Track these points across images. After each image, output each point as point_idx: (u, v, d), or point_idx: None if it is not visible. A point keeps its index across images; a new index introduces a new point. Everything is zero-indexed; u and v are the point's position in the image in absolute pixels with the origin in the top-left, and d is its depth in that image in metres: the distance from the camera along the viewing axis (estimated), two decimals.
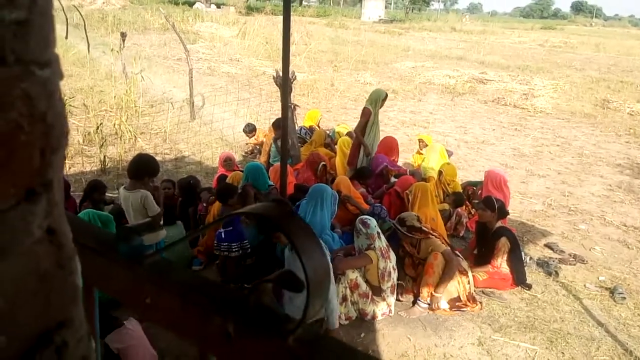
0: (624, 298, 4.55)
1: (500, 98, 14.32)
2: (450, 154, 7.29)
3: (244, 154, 8.12)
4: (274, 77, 6.99)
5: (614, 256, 5.48)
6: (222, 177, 5.54)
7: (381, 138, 6.66)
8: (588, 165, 8.81)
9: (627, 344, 3.84)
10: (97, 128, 7.71)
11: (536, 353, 3.66)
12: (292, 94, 7.34)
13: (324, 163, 6.16)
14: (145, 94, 10.55)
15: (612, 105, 13.96)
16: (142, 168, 3.62)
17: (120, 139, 7.86)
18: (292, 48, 19.25)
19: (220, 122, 8.88)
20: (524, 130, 11.17)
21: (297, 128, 7.56)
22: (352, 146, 6.51)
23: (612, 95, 15.12)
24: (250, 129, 8.10)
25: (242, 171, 5.43)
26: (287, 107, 4.67)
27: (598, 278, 4.95)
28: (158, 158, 7.29)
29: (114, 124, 8.26)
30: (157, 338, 3.09)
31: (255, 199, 4.72)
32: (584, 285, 4.77)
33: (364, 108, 6.42)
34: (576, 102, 14.27)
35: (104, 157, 7.12)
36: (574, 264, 5.19)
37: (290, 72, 6.83)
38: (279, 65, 4.44)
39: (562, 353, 3.68)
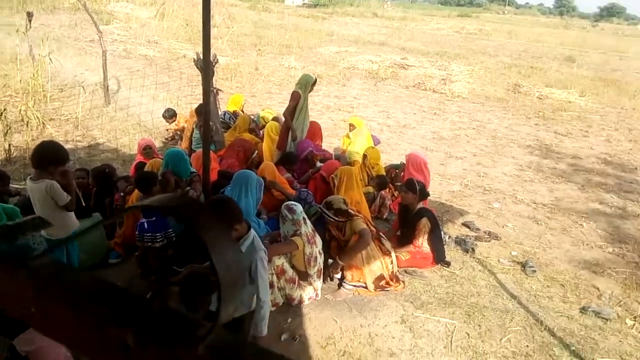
0: (534, 271, 4.87)
1: (421, 83, 14.77)
2: (377, 141, 7.43)
3: (164, 140, 7.81)
4: (194, 60, 6.73)
5: (525, 232, 5.84)
6: (141, 165, 5.29)
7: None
8: (501, 147, 9.31)
9: (538, 314, 4.12)
10: (1, 114, 7.10)
11: (455, 327, 3.83)
12: (214, 78, 7.13)
13: (256, 151, 6.08)
14: (55, 78, 9.84)
15: (522, 89, 14.83)
16: (46, 156, 3.34)
17: (27, 126, 7.29)
18: (214, 31, 18.68)
19: (137, 107, 8.47)
20: (442, 114, 11.60)
21: (220, 113, 7.37)
22: (281, 130, 6.45)
23: (523, 80, 16.06)
24: (170, 114, 7.79)
25: (162, 158, 5.22)
26: (209, 91, 4.51)
27: (511, 253, 5.26)
28: (69, 146, 6.87)
29: (20, 110, 7.64)
30: None
31: (177, 186, 4.56)
32: (498, 261, 5.06)
33: (294, 92, 6.37)
34: (490, 87, 15.01)
35: (9, 145, 6.58)
36: (489, 241, 5.48)
37: (212, 56, 6.61)
38: (200, 48, 4.27)
39: (479, 326, 3.88)
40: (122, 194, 4.90)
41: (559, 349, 3.68)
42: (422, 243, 4.76)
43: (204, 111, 4.28)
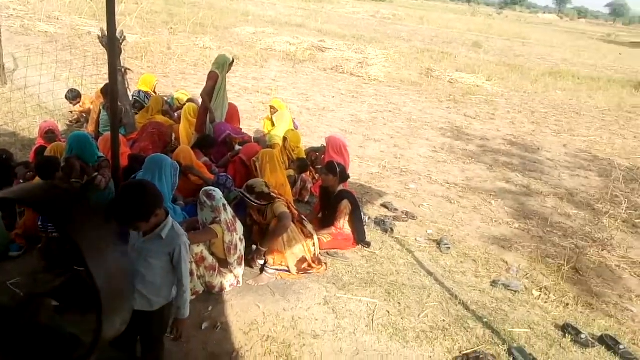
0: (449, 248, 5.07)
1: (338, 66, 14.86)
2: (296, 127, 7.37)
3: (68, 123, 7.23)
4: (99, 37, 6.26)
5: (439, 211, 6.07)
6: (41, 150, 4.86)
7: None
8: (416, 130, 9.60)
9: (453, 289, 4.29)
10: None
11: (376, 306, 3.90)
12: (122, 57, 6.69)
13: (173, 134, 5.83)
14: None
15: (434, 74, 15.37)
16: None
17: None
18: (121, 7, 17.63)
19: (37, 88, 7.78)
20: (360, 98, 11.76)
21: (131, 93, 6.94)
22: (198, 112, 6.20)
23: (435, 64, 16.65)
24: (74, 95, 7.22)
25: (66, 142, 4.80)
26: (115, 70, 4.19)
27: (427, 232, 5.44)
28: None
29: None
30: None
31: (83, 172, 4.23)
32: (415, 239, 5.22)
33: (211, 72, 6.13)
34: (405, 71, 15.42)
35: None
36: (407, 221, 5.64)
37: (118, 32, 6.18)
38: (105, 24, 3.96)
39: (399, 303, 3.97)
40: (21, 181, 4.47)
41: (473, 321, 3.85)
42: (343, 225, 4.78)
43: (111, 91, 3.98)
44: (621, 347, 3.66)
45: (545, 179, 7.65)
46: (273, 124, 7.04)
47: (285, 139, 6.03)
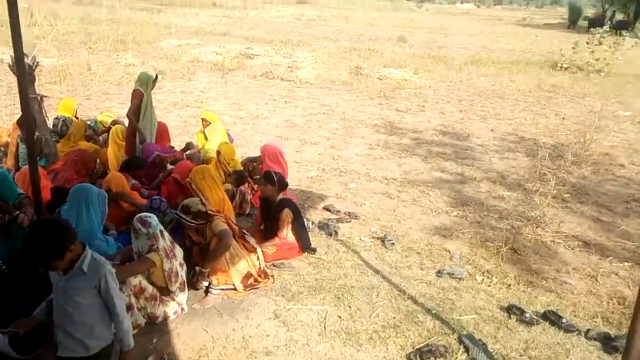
0: (393, 244, 5.13)
1: (268, 72, 14.78)
2: (231, 140, 7.26)
3: None
4: (9, 65, 5.89)
5: (381, 208, 6.14)
6: None
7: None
8: (351, 129, 9.69)
9: (401, 284, 4.34)
10: None
11: (327, 312, 3.87)
12: (36, 83, 6.32)
13: (98, 160, 5.56)
14: None
15: (364, 71, 15.59)
16: None
17: None
18: (35, 30, 16.78)
19: None
20: (293, 102, 11.75)
21: (53, 120, 6.57)
22: (126, 134, 5.96)
23: (363, 62, 16.88)
24: None
25: None
26: (27, 98, 3.98)
27: (370, 230, 5.49)
28: None
29: None
30: None
31: (3, 211, 3.94)
32: (360, 239, 5.25)
33: (134, 90, 5.92)
34: (334, 71, 15.55)
35: None
36: (350, 221, 5.66)
37: (31, 58, 5.84)
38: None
39: (349, 307, 3.96)
40: None
41: (422, 314, 3.91)
42: (287, 234, 4.74)
43: (25, 121, 3.79)
44: (564, 320, 3.83)
45: (478, 165, 7.92)
46: (206, 138, 6.90)
47: (218, 152, 5.91)
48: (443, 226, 5.72)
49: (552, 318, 3.87)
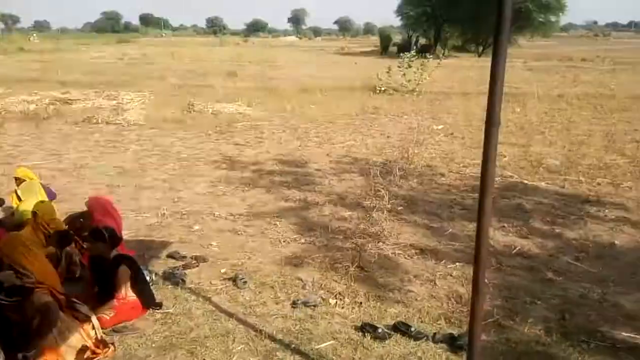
0: (245, 282, 4.95)
1: (91, 117, 13.77)
2: (52, 196, 6.48)
3: None
4: None
5: (229, 246, 5.94)
6: None
7: None
8: (189, 168, 9.35)
9: (257, 324, 4.18)
10: None
11: None
12: None
13: None
14: None
15: (197, 108, 15.31)
16: None
17: None
18: None
19: None
20: (122, 146, 11.02)
21: None
22: None
23: (195, 99, 16.57)
24: None
25: None
26: None
27: (220, 271, 5.25)
28: None
29: None
30: None
31: None
32: (210, 283, 4.98)
33: None
34: (165, 110, 15.01)
35: None
36: (197, 266, 5.36)
37: None
38: None
39: (204, 359, 3.70)
40: None
41: (281, 351, 3.80)
42: (126, 293, 4.29)
43: None
44: (412, 329, 4.01)
45: (319, 189, 8.16)
46: (20, 198, 6.07)
47: (35, 213, 5.20)
48: (293, 255, 5.71)
49: (402, 329, 4.03)
